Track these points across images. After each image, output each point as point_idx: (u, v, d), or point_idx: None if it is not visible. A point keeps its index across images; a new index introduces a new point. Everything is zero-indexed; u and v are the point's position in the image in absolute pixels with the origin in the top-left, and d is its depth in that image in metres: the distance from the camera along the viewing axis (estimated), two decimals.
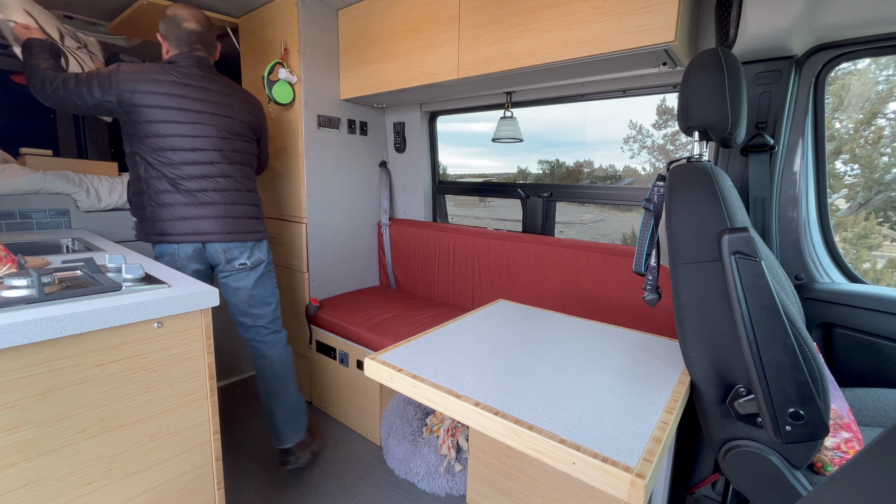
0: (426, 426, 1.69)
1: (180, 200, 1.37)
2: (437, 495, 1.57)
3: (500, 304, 1.43)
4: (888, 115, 1.33)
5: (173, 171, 1.35)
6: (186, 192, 1.37)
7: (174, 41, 1.42)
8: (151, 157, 1.34)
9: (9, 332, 0.72)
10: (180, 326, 0.96)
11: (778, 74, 1.20)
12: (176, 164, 1.35)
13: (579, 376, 0.91)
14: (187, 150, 1.36)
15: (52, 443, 0.80)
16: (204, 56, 1.45)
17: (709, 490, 1.17)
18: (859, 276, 1.28)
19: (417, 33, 1.70)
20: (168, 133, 1.33)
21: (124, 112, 1.32)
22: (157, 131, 1.32)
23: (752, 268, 0.74)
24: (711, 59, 0.87)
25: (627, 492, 0.61)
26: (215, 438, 1.05)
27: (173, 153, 1.35)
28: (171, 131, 1.34)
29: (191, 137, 1.36)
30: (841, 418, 0.84)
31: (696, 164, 0.88)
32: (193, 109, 1.37)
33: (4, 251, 1.00)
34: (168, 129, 1.33)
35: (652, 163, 1.90)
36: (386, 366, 0.94)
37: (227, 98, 1.46)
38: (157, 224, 1.37)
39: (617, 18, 1.22)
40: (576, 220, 2.39)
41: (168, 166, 1.34)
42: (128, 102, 1.30)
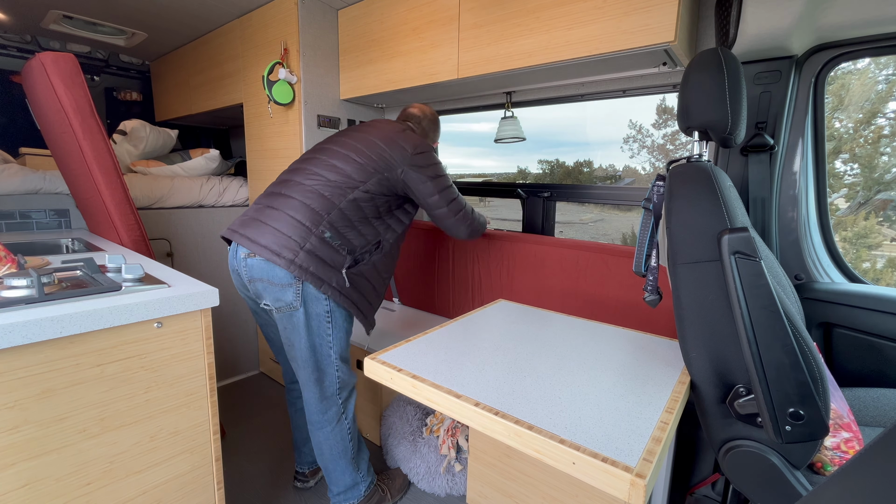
0: (426, 426, 1.69)
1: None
2: (436, 495, 1.57)
3: (500, 304, 1.43)
4: (888, 115, 1.33)
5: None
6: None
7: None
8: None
9: (9, 332, 0.72)
10: (180, 326, 0.96)
11: (778, 74, 1.20)
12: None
13: (579, 376, 0.91)
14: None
15: (52, 443, 0.80)
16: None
17: (709, 490, 1.17)
18: (859, 275, 1.28)
19: (417, 33, 1.69)
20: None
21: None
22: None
23: (752, 268, 0.73)
24: (711, 59, 0.87)
25: (627, 492, 0.61)
26: (215, 438, 1.05)
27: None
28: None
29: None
30: (841, 418, 0.84)
31: (695, 164, 0.88)
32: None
33: (4, 251, 1.00)
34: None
35: (652, 163, 1.90)
36: (386, 366, 0.94)
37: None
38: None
39: (617, 18, 1.22)
40: (576, 219, 2.39)
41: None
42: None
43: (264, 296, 1.25)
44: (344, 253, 1.26)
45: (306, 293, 1.24)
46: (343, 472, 1.37)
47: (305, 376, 1.30)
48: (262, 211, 1.29)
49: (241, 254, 1.27)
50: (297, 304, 1.23)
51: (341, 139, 1.39)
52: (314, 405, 1.32)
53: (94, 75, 2.79)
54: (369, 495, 1.43)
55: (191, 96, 2.63)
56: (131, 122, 2.36)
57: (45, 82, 1.25)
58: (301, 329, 1.25)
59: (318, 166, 1.32)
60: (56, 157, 1.61)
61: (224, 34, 2.26)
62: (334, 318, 1.28)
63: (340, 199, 1.27)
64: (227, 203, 2.35)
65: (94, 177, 1.35)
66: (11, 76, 2.48)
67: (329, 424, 1.33)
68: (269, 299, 1.25)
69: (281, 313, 1.25)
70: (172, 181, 2.17)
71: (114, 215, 1.43)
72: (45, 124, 1.48)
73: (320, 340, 1.28)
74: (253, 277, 1.25)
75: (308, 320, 1.25)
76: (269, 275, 1.22)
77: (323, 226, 1.24)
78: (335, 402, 1.34)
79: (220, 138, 3.34)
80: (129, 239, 1.47)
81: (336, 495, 1.39)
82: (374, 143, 1.35)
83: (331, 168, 1.31)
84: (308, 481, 1.59)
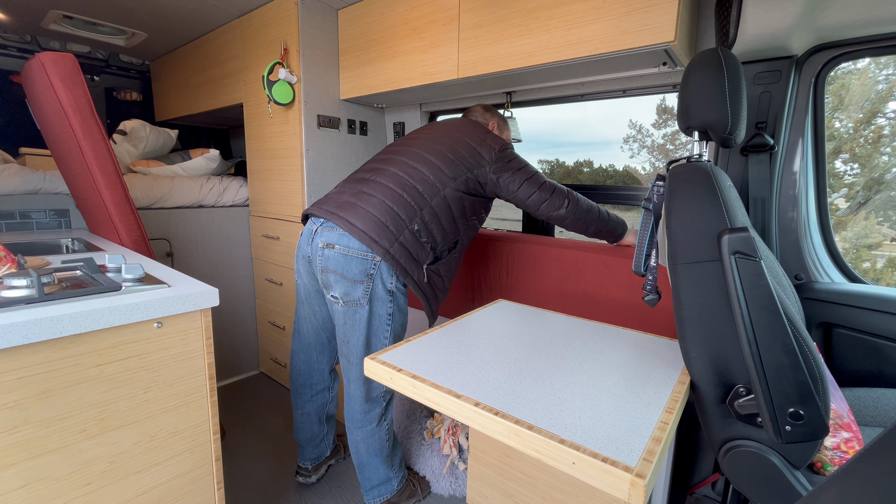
0: (426, 429, 1.69)
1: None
2: (440, 496, 1.57)
3: (500, 304, 1.43)
4: (888, 115, 1.33)
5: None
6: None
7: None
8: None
9: (9, 332, 0.72)
10: (180, 326, 0.96)
11: (778, 74, 1.20)
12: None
13: (579, 376, 0.91)
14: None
15: (52, 443, 0.80)
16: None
17: (709, 490, 1.17)
18: (859, 275, 1.28)
19: (417, 33, 1.69)
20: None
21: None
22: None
23: (752, 268, 0.73)
24: (711, 58, 0.87)
25: (627, 492, 0.61)
26: (215, 438, 1.05)
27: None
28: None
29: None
30: (841, 418, 0.84)
31: (695, 164, 0.88)
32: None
33: (4, 251, 1.00)
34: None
35: (652, 162, 1.89)
36: (386, 366, 0.94)
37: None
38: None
39: (617, 18, 1.22)
40: None
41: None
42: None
43: (334, 288, 1.26)
44: (428, 249, 1.29)
45: (374, 292, 1.26)
46: (377, 469, 1.39)
47: (356, 374, 1.32)
48: (360, 196, 1.28)
49: (318, 241, 1.27)
50: (364, 302, 1.26)
51: (432, 134, 1.40)
52: (359, 404, 1.34)
53: (94, 75, 2.79)
54: (402, 490, 1.46)
55: (191, 96, 2.62)
56: (131, 122, 2.36)
57: (45, 82, 1.25)
58: (362, 326, 1.27)
59: (412, 159, 1.33)
60: (56, 157, 1.61)
61: (224, 34, 2.26)
62: (394, 321, 1.31)
63: (433, 195, 1.29)
64: (227, 203, 2.35)
65: (94, 177, 1.35)
66: (11, 76, 2.48)
67: (370, 424, 1.35)
68: (337, 292, 1.26)
69: (346, 307, 1.26)
70: (172, 181, 2.17)
71: (114, 215, 1.43)
72: (44, 124, 1.48)
73: (377, 341, 1.30)
74: (327, 268, 1.26)
75: (371, 319, 1.27)
76: (343, 269, 1.23)
77: (416, 221, 1.26)
78: (380, 403, 1.35)
79: (220, 138, 3.34)
80: (129, 239, 1.47)
81: (369, 490, 1.41)
82: (465, 141, 1.37)
83: (425, 162, 1.32)
84: (310, 476, 1.59)
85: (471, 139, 1.38)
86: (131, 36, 2.43)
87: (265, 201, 2.22)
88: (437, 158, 1.32)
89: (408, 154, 1.35)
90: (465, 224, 1.39)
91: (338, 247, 1.24)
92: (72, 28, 2.28)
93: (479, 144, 1.37)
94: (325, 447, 1.59)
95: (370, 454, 1.37)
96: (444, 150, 1.34)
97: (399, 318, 1.32)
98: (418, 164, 1.32)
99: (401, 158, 1.34)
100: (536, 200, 1.37)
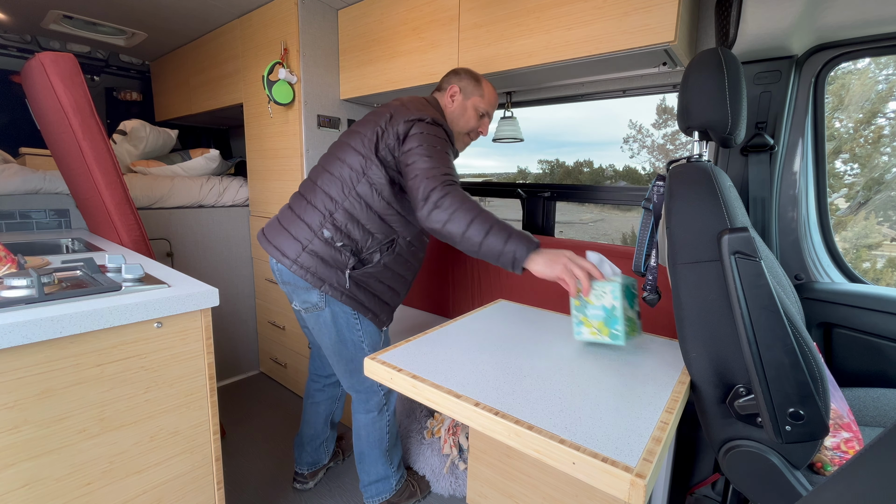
0: (426, 429, 1.69)
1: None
2: (440, 496, 1.57)
3: (499, 304, 1.43)
4: (888, 115, 1.33)
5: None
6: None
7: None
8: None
9: (9, 332, 0.72)
10: (180, 326, 0.96)
11: (778, 74, 1.20)
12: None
13: (579, 376, 0.91)
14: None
15: (52, 443, 0.80)
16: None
17: (709, 490, 1.16)
18: (859, 275, 1.28)
19: (417, 33, 1.69)
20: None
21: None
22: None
23: (752, 268, 0.73)
24: (711, 59, 0.87)
25: (627, 492, 0.61)
26: (215, 438, 1.05)
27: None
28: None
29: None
30: (841, 418, 0.84)
31: (695, 164, 0.88)
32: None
33: (4, 251, 1.00)
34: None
35: (652, 162, 1.89)
36: (386, 366, 0.94)
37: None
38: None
39: (617, 18, 1.22)
40: (576, 219, 2.39)
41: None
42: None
43: (293, 298, 1.29)
44: (347, 253, 1.23)
45: (328, 295, 1.27)
46: (375, 462, 1.41)
47: (340, 371, 1.35)
48: (283, 213, 1.31)
49: (272, 259, 1.29)
50: (322, 305, 1.26)
51: (350, 130, 1.32)
52: (355, 395, 1.39)
53: (94, 75, 2.79)
54: (401, 490, 1.47)
55: (191, 96, 2.62)
56: (131, 122, 2.36)
57: (45, 82, 1.25)
58: (328, 328, 1.28)
59: (327, 163, 1.30)
60: (56, 157, 1.61)
61: (224, 34, 2.26)
62: (361, 315, 1.31)
63: (345, 195, 1.22)
64: (227, 203, 2.35)
65: (94, 177, 1.35)
66: (11, 76, 2.48)
67: (372, 412, 1.38)
68: (297, 301, 1.29)
69: (308, 313, 1.28)
70: (172, 181, 2.17)
71: (113, 215, 1.43)
72: (44, 124, 1.48)
73: (351, 336, 1.30)
74: (283, 281, 1.28)
75: (335, 319, 1.28)
76: (293, 278, 1.25)
77: (325, 226, 1.22)
78: (376, 392, 1.38)
79: (220, 138, 3.34)
80: (129, 239, 1.47)
81: (367, 486, 1.42)
82: (370, 119, 1.25)
83: (336, 162, 1.26)
84: (307, 482, 1.59)
85: (377, 115, 1.24)
86: (131, 36, 2.43)
87: (265, 201, 2.22)
88: (345, 152, 1.24)
89: (326, 159, 1.30)
90: (400, 220, 1.25)
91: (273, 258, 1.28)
92: (72, 28, 2.28)
93: (387, 122, 1.21)
94: (323, 453, 1.60)
95: (370, 444, 1.40)
96: (352, 140, 1.24)
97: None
98: (330, 166, 1.27)
99: (321, 165, 1.31)
100: (412, 185, 1.11)
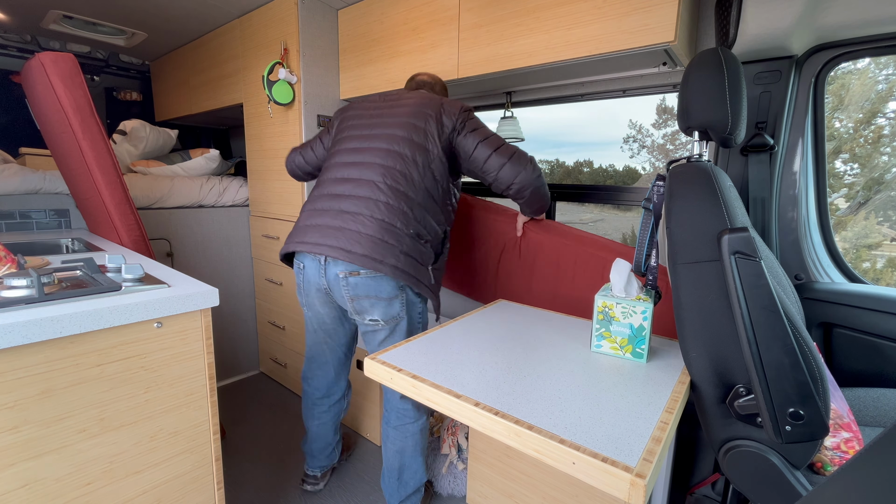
0: None
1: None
2: (439, 495, 1.57)
3: (499, 304, 1.43)
4: (888, 115, 1.33)
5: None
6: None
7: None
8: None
9: (9, 332, 0.72)
10: (180, 326, 0.96)
11: (778, 74, 1.20)
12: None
13: (579, 376, 0.91)
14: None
15: (52, 443, 0.80)
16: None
17: (709, 490, 1.16)
18: (859, 275, 1.28)
19: (417, 33, 1.69)
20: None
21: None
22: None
23: (752, 268, 0.73)
24: (711, 58, 0.87)
25: (627, 492, 0.61)
26: (215, 438, 1.05)
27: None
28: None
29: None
30: (841, 418, 0.84)
31: (695, 164, 0.88)
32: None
33: (4, 251, 1.00)
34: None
35: (652, 162, 1.89)
36: (386, 366, 0.94)
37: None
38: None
39: (617, 18, 1.22)
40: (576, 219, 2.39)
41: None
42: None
43: (371, 312, 1.20)
44: (430, 249, 1.22)
45: (409, 301, 1.23)
46: (418, 470, 1.36)
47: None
48: (339, 216, 1.18)
49: (336, 271, 1.17)
50: (403, 314, 1.23)
51: (390, 123, 1.26)
52: (412, 413, 1.31)
53: (94, 75, 2.79)
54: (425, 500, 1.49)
55: (191, 96, 2.62)
56: (131, 122, 2.36)
57: (45, 82, 1.25)
58: (402, 336, 1.26)
59: (384, 158, 1.21)
60: (56, 157, 1.61)
61: (224, 34, 2.26)
62: (423, 318, 1.31)
63: (417, 191, 1.19)
64: (227, 203, 2.35)
65: (94, 177, 1.35)
66: (11, 76, 2.48)
67: (423, 416, 1.34)
68: (377, 314, 1.20)
69: (388, 325, 1.22)
70: (172, 181, 2.17)
71: (113, 215, 1.43)
72: (44, 124, 1.48)
73: (420, 328, 1.31)
74: (357, 295, 1.18)
75: (410, 327, 1.26)
76: (376, 290, 1.17)
77: (412, 224, 1.17)
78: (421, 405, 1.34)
79: (220, 138, 3.34)
80: (128, 239, 1.47)
81: (405, 500, 1.36)
82: (424, 113, 1.26)
83: (397, 157, 1.20)
84: (318, 483, 1.57)
85: (432, 112, 1.26)
86: (131, 36, 2.43)
87: (265, 201, 2.22)
88: (408, 148, 1.21)
89: (376, 154, 1.22)
90: (449, 209, 1.31)
91: (362, 272, 1.16)
92: (72, 28, 2.28)
93: (440, 115, 1.26)
94: (335, 454, 1.59)
95: (416, 451, 1.34)
96: (411, 135, 1.23)
97: (426, 314, 1.33)
98: (391, 161, 1.20)
99: (370, 161, 1.22)
100: (495, 164, 1.24)
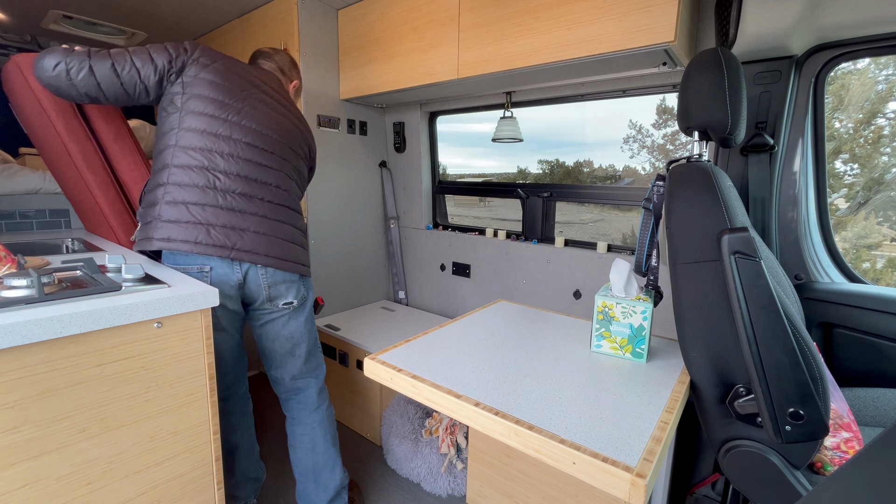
0: (425, 429, 1.69)
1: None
2: (438, 496, 1.57)
3: (499, 305, 1.43)
4: (888, 115, 1.33)
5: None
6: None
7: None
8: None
9: (9, 332, 0.72)
10: (180, 326, 0.96)
11: (778, 74, 1.20)
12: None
13: (579, 376, 0.91)
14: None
15: (52, 443, 0.80)
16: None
17: (709, 490, 1.17)
18: (859, 275, 1.28)
19: (417, 33, 1.69)
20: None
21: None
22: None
23: (752, 268, 0.74)
24: (711, 59, 0.87)
25: (627, 492, 0.61)
26: (215, 438, 1.05)
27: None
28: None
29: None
30: (841, 418, 0.84)
31: (695, 164, 0.88)
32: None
33: (4, 251, 1.00)
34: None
35: (652, 163, 1.89)
36: (386, 366, 0.94)
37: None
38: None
39: (617, 18, 1.22)
40: (576, 219, 2.39)
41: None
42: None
43: (286, 295, 1.23)
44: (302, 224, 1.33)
45: (307, 281, 1.31)
46: (334, 465, 1.32)
47: (310, 368, 1.33)
48: (247, 219, 1.15)
49: (256, 268, 1.17)
50: (307, 294, 1.30)
51: (270, 120, 1.24)
52: (314, 390, 1.34)
53: None
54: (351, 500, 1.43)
55: None
56: (131, 121, 2.36)
57: (23, 85, 1.20)
58: (310, 318, 1.31)
59: (276, 163, 1.22)
60: (46, 161, 1.56)
61: (224, 34, 2.26)
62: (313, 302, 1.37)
63: (300, 175, 1.34)
64: None
65: (84, 177, 1.34)
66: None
67: (324, 402, 1.35)
68: (291, 296, 1.25)
69: (299, 306, 1.28)
70: None
71: (109, 215, 1.42)
72: (30, 128, 1.41)
73: (314, 325, 1.35)
74: (275, 282, 1.20)
75: (310, 308, 1.32)
76: (289, 274, 1.24)
77: (301, 220, 1.29)
78: (325, 387, 1.38)
79: None
80: (126, 239, 1.46)
81: (334, 500, 1.32)
82: (300, 137, 1.33)
83: (287, 151, 1.26)
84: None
85: (301, 123, 1.35)
86: (131, 36, 2.43)
87: None
88: (295, 159, 1.31)
89: (272, 158, 1.22)
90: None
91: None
92: (72, 28, 2.28)
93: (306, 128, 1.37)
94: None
95: (326, 444, 1.31)
96: (297, 149, 1.32)
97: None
98: (285, 156, 1.25)
99: (271, 164, 1.22)
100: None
